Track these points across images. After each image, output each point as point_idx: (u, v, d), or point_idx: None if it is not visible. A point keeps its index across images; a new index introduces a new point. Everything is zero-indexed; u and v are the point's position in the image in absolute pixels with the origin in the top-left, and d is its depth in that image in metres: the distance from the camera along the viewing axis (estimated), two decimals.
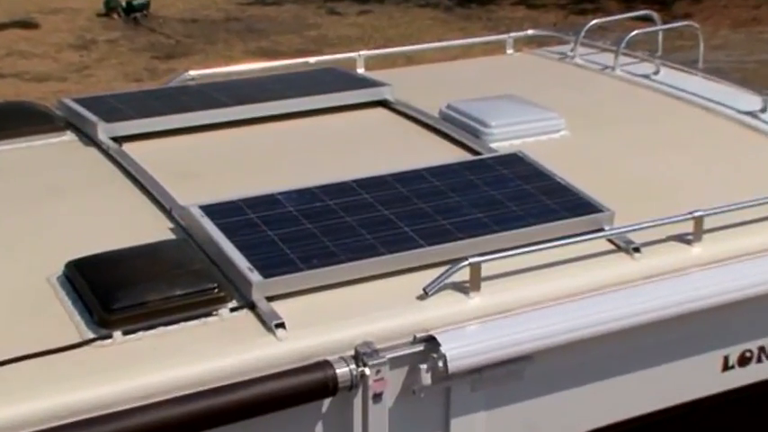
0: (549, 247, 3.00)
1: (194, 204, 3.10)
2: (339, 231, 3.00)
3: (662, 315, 2.99)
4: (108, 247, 2.90)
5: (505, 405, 2.92)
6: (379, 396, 2.69)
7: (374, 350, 2.67)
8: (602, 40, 5.02)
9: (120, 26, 15.62)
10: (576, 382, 3.02)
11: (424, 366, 2.73)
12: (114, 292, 2.68)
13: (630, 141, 3.94)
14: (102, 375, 2.50)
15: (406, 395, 2.77)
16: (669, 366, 3.13)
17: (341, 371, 2.62)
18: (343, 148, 3.88)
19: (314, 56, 4.89)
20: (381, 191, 3.22)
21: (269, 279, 2.78)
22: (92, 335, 2.63)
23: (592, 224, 3.16)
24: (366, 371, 2.64)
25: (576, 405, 3.04)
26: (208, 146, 3.84)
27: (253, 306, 2.75)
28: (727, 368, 3.24)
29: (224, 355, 2.59)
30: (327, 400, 2.68)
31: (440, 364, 2.71)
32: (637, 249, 3.10)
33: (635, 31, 4.75)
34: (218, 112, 3.98)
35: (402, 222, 3.06)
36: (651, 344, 3.07)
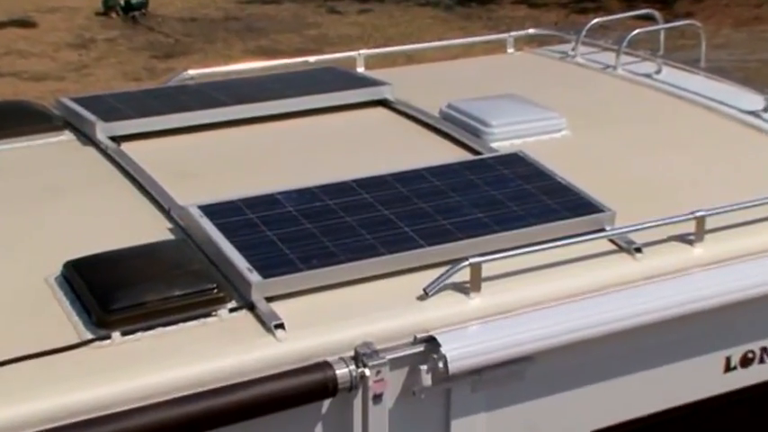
0: (550, 248, 2.99)
1: (193, 204, 3.09)
2: (339, 231, 2.99)
3: (663, 316, 2.98)
4: (106, 248, 2.89)
5: (506, 406, 2.91)
6: (379, 397, 2.68)
7: (374, 351, 2.66)
8: (603, 39, 5.00)
9: (119, 25, 15.61)
10: (577, 384, 3.01)
11: (424, 367, 2.72)
12: (113, 292, 2.67)
13: (632, 141, 3.93)
14: (101, 376, 2.49)
15: (406, 396, 2.76)
16: (671, 367, 3.12)
17: (341, 372, 2.61)
18: (342, 147, 3.86)
19: (314, 55, 4.88)
20: (381, 191, 3.21)
21: (268, 279, 2.77)
22: (90, 335, 2.62)
23: (593, 224, 3.15)
24: (366, 372, 2.63)
25: (578, 406, 3.03)
26: (207, 145, 3.83)
27: (252, 306, 2.74)
28: (729, 369, 3.23)
29: (223, 356, 2.58)
30: (327, 401, 2.67)
31: (440, 364, 2.70)
32: (638, 249, 3.09)
33: (636, 30, 4.73)
34: (217, 112, 3.97)
35: (402, 222, 3.05)
36: (652, 345, 3.06)
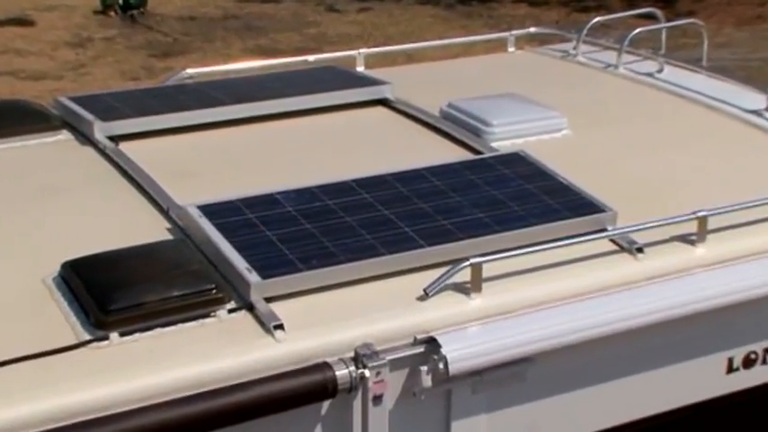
0: (551, 248, 2.98)
1: (192, 204, 3.08)
2: (338, 231, 2.97)
3: (665, 316, 2.97)
4: (104, 248, 2.88)
5: (507, 407, 2.90)
6: (379, 398, 2.67)
7: (374, 352, 2.65)
8: (604, 37, 4.99)
9: (117, 24, 15.60)
10: (579, 385, 3.00)
11: (424, 368, 2.71)
12: (111, 293, 2.66)
13: (633, 140, 3.92)
14: (99, 377, 2.48)
15: (406, 397, 2.75)
16: (673, 368, 3.11)
17: (340, 373, 2.60)
18: (342, 147, 3.85)
19: (313, 54, 4.86)
20: (381, 190, 3.20)
21: (267, 280, 2.76)
22: (88, 336, 2.61)
23: (594, 224, 3.14)
24: (366, 373, 2.62)
25: (579, 407, 3.02)
26: (206, 145, 3.82)
27: (251, 307, 2.73)
28: (731, 370, 3.22)
29: (222, 357, 2.57)
30: (327, 403, 2.65)
31: (440, 365, 2.69)
32: (640, 250, 3.08)
33: (638, 29, 4.72)
34: (216, 111, 3.96)
35: (402, 222, 3.04)
36: (654, 345, 3.05)
